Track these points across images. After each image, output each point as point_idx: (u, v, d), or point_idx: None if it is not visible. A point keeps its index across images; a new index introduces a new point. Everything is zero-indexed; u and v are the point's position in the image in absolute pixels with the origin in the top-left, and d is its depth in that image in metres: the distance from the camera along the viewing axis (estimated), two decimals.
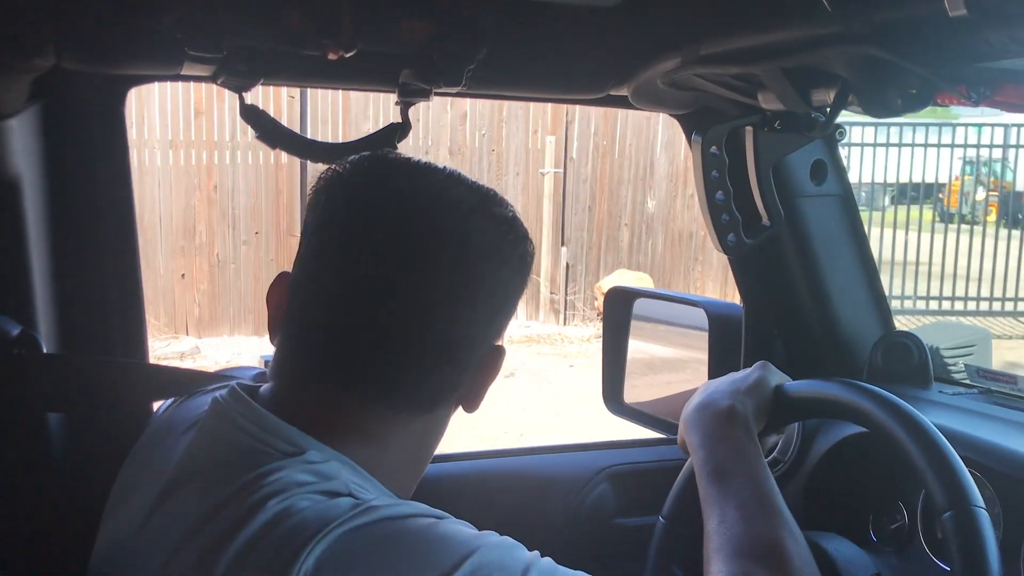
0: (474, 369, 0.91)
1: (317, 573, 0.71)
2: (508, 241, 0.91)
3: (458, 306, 0.86)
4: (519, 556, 0.78)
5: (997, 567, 0.87)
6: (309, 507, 0.75)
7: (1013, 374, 1.42)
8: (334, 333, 0.87)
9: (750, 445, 1.06)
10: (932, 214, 11.46)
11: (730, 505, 0.97)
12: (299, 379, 0.89)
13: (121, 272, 1.31)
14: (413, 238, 0.85)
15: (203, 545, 0.76)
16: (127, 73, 1.23)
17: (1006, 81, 0.88)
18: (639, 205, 9.40)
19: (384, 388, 0.86)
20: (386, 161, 0.92)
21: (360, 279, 0.86)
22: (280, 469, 0.78)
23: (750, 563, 0.90)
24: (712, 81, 1.16)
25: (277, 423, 0.83)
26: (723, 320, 1.58)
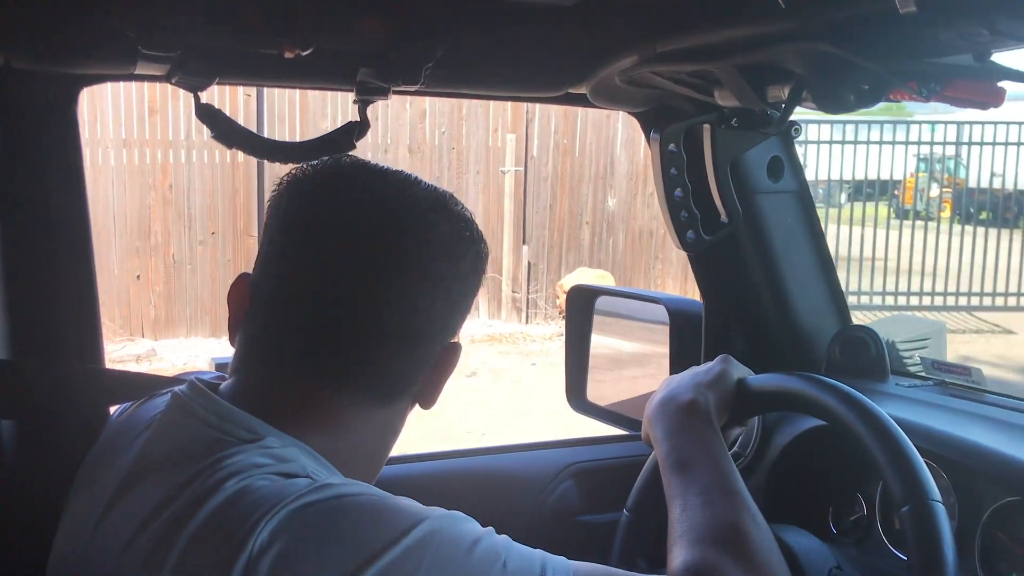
0: (431, 364, 0.94)
1: (271, 545, 0.72)
2: (465, 239, 0.94)
3: (416, 300, 0.89)
4: (470, 528, 0.80)
5: (953, 560, 0.89)
6: (266, 486, 0.77)
7: (967, 366, 1.44)
8: (295, 328, 0.89)
9: (712, 436, 1.07)
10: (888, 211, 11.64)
11: (692, 493, 0.98)
12: (260, 373, 0.90)
13: (75, 275, 1.29)
14: (373, 235, 0.88)
15: (160, 529, 0.77)
16: (79, 73, 1.21)
17: (955, 76, 0.90)
18: (600, 203, 9.44)
19: (344, 379, 0.89)
20: (345, 164, 0.94)
21: (321, 276, 0.88)
22: (238, 453, 0.80)
23: (711, 548, 0.91)
24: (669, 79, 1.17)
25: (236, 412, 0.85)
26: (683, 316, 1.59)
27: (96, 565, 0.83)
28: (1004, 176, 10.46)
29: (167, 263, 8.06)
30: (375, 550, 0.73)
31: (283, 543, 0.73)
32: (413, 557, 0.74)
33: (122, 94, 7.67)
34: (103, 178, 7.71)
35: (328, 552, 0.73)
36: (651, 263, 9.63)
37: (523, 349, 8.47)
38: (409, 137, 8.68)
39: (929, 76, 0.91)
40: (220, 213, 8.15)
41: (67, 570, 0.89)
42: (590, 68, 1.26)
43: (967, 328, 9.59)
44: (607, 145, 9.36)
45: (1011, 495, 1.12)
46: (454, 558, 0.76)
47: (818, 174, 10.35)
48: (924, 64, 0.91)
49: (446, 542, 0.76)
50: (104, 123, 7.68)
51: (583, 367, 1.75)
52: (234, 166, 8.11)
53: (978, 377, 1.42)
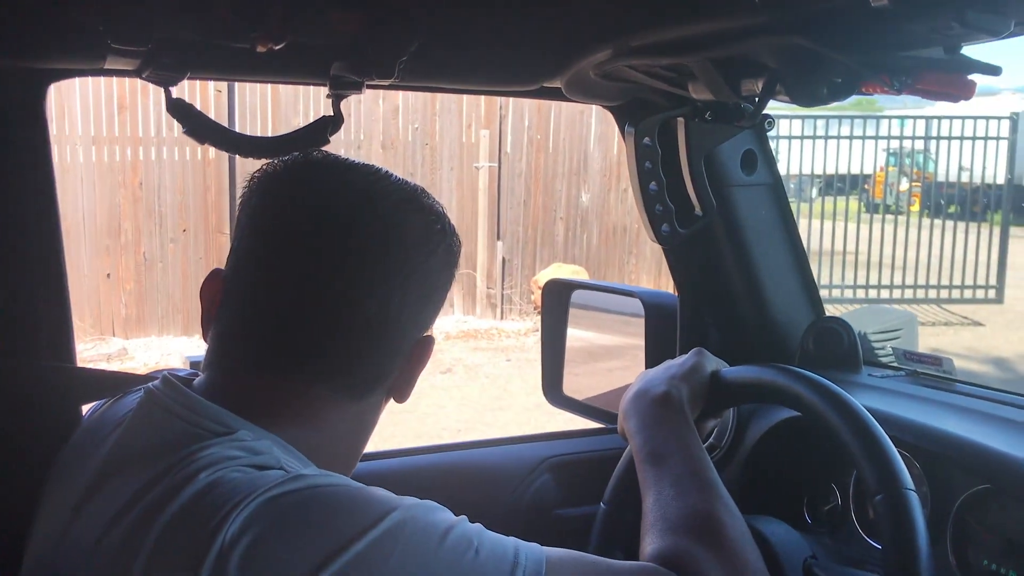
0: (405, 357, 0.94)
1: (242, 535, 0.73)
2: (436, 232, 0.94)
3: (389, 293, 0.90)
4: (442, 517, 0.80)
5: (926, 547, 0.90)
6: (238, 478, 0.77)
7: (938, 356, 1.46)
8: (267, 322, 0.89)
9: (685, 428, 1.08)
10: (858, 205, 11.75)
11: (665, 484, 1.00)
12: (233, 367, 0.91)
13: (46, 273, 1.27)
14: (344, 229, 0.89)
15: (132, 523, 0.77)
16: (48, 67, 1.19)
17: (926, 69, 0.91)
18: (574, 199, 9.46)
19: (317, 373, 0.89)
20: (317, 159, 0.95)
21: (292, 270, 0.89)
22: (211, 446, 0.81)
23: (683, 537, 0.92)
24: (643, 72, 1.18)
25: (209, 406, 0.85)
26: (658, 309, 1.60)
27: (68, 563, 0.82)
28: (972, 170, 10.58)
29: (138, 261, 7.98)
30: (346, 540, 0.73)
31: (254, 533, 0.73)
32: (384, 546, 0.74)
33: (91, 90, 7.58)
34: (72, 176, 7.61)
35: (299, 542, 0.73)
36: (625, 258, 9.66)
37: (498, 345, 8.48)
38: (382, 133, 8.65)
39: (900, 69, 0.91)
40: (191, 211, 8.08)
41: (40, 570, 0.88)
42: (564, 62, 1.26)
43: (937, 320, 9.71)
44: (581, 141, 9.37)
45: (982, 483, 1.13)
46: (425, 546, 0.76)
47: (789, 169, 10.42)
48: (896, 57, 0.92)
49: (417, 531, 0.77)
50: (72, 120, 7.58)
51: (559, 361, 1.75)
52: (205, 163, 8.04)
53: (949, 367, 1.44)
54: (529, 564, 0.80)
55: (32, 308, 1.25)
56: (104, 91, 7.63)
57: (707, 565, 0.89)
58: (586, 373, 1.75)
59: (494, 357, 8.01)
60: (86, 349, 7.39)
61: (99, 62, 1.10)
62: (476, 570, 0.77)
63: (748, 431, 1.43)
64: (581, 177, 9.43)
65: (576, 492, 1.58)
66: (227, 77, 1.30)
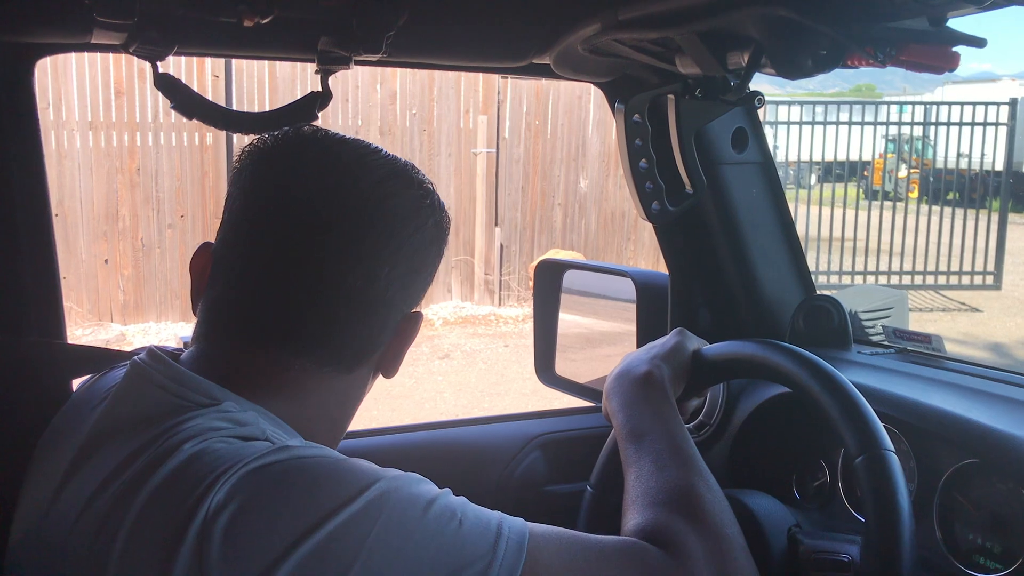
0: (392, 331, 0.94)
1: (226, 504, 0.73)
2: (425, 206, 0.94)
3: (375, 266, 0.89)
4: (426, 488, 0.80)
5: (907, 506, 0.90)
6: (223, 448, 0.77)
7: (927, 333, 1.46)
8: (254, 294, 0.89)
9: (666, 405, 1.09)
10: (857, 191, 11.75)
11: (646, 461, 1.01)
12: (219, 340, 0.91)
13: (36, 249, 1.27)
14: (332, 201, 0.89)
15: (117, 492, 0.78)
16: (33, 41, 1.19)
17: (910, 41, 0.91)
18: (572, 185, 9.45)
19: (304, 345, 0.89)
20: (306, 133, 0.95)
21: (279, 243, 0.89)
22: (196, 417, 0.81)
23: (663, 511, 0.93)
24: (632, 47, 1.17)
25: (194, 378, 0.85)
26: (650, 289, 1.60)
27: (54, 534, 0.83)
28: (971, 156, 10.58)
29: (135, 247, 7.98)
30: (329, 510, 0.74)
31: (238, 503, 0.73)
32: (368, 516, 0.74)
33: (87, 75, 7.56)
34: (69, 161, 7.60)
35: (283, 512, 0.73)
36: (623, 244, 9.66)
37: (496, 331, 8.49)
38: (380, 119, 8.63)
39: (885, 41, 0.91)
40: (189, 196, 8.08)
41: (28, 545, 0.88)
42: (553, 36, 1.26)
43: (934, 307, 9.72)
44: (579, 126, 9.36)
45: (969, 457, 1.14)
46: (409, 517, 0.76)
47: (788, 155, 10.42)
48: (880, 28, 0.92)
49: (401, 501, 0.77)
50: (69, 105, 7.56)
51: (551, 341, 1.76)
52: (203, 148, 8.03)
53: (938, 344, 1.44)
54: (512, 536, 0.80)
55: (21, 285, 1.25)
56: (101, 76, 7.62)
57: (687, 537, 0.89)
58: (584, 359, 1.76)
59: (492, 343, 8.02)
60: (84, 335, 7.40)
61: (85, 36, 1.09)
62: (459, 541, 0.77)
63: (738, 408, 1.43)
64: (579, 163, 9.42)
65: (565, 469, 1.58)
66: (214, 52, 1.30)
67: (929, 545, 1.15)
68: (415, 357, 7.31)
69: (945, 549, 1.15)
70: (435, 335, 8.18)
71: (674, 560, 0.87)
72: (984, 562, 1.12)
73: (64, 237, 7.45)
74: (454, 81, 8.83)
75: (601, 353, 1.78)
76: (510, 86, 9.02)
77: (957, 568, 1.13)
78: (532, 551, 0.80)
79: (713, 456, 1.42)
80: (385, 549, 0.74)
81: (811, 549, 1.05)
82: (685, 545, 0.89)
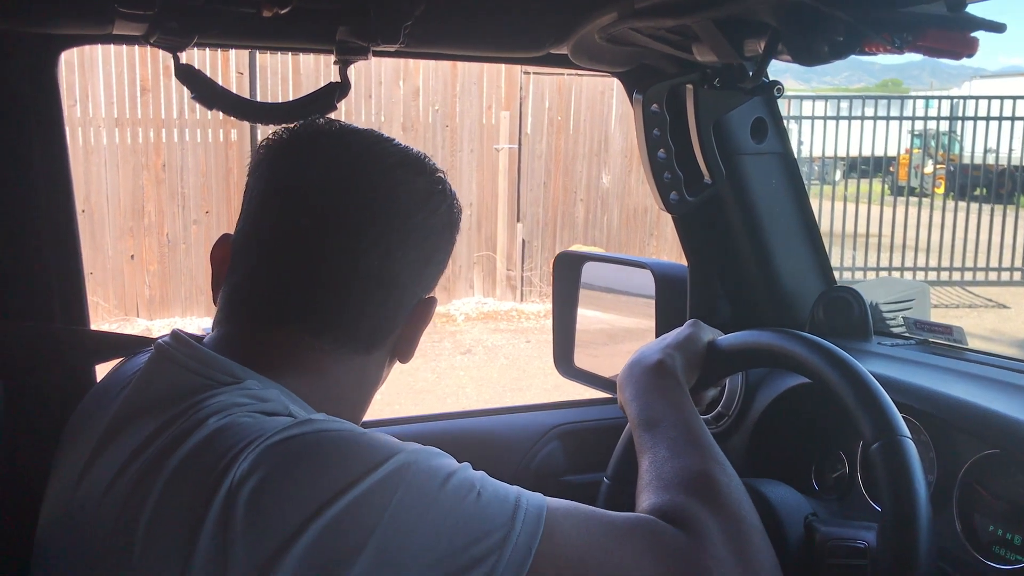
0: (407, 315, 0.97)
1: (251, 475, 0.75)
2: (437, 193, 0.97)
3: (389, 250, 0.92)
4: (445, 462, 0.81)
5: (924, 492, 0.89)
6: (248, 422, 0.80)
7: (949, 325, 1.45)
8: (274, 277, 0.92)
9: (679, 393, 1.10)
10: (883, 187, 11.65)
11: (660, 447, 1.01)
12: (240, 322, 0.93)
13: (59, 238, 1.28)
14: (347, 188, 0.92)
15: (143, 467, 0.79)
16: (56, 33, 1.20)
17: (928, 26, 0.90)
18: (594, 180, 9.43)
19: (322, 326, 0.92)
20: (321, 124, 0.98)
21: (297, 228, 0.92)
22: (219, 394, 0.83)
23: (677, 492, 0.93)
24: (649, 35, 1.17)
25: (217, 358, 0.88)
26: (669, 280, 1.60)
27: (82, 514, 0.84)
28: (999, 151, 10.46)
29: (161, 243, 8.05)
30: (350, 480, 0.75)
31: (263, 472, 0.75)
32: (387, 487, 0.76)
33: (113, 72, 7.64)
34: (95, 158, 7.68)
35: (305, 481, 0.75)
36: (646, 240, 9.63)
37: (518, 327, 8.49)
38: (403, 115, 8.66)
39: (902, 26, 0.91)
40: (214, 192, 8.14)
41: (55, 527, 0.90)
42: (570, 26, 1.26)
43: (960, 303, 9.62)
44: (601, 122, 9.34)
45: (990, 448, 1.13)
46: (427, 489, 0.77)
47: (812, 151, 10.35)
48: (897, 14, 0.91)
49: (420, 473, 0.78)
50: (96, 102, 7.64)
51: (570, 332, 1.76)
52: (227, 145, 8.09)
53: (960, 336, 1.43)
54: (531, 509, 0.81)
55: (46, 273, 1.27)
56: (127, 73, 7.69)
57: (703, 517, 0.90)
58: (606, 355, 1.76)
59: (514, 339, 8.03)
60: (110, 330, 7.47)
61: (107, 27, 1.11)
62: (478, 512, 0.78)
63: (756, 399, 1.42)
64: (602, 158, 9.39)
65: (583, 460, 1.58)
66: (234, 43, 1.31)
67: (949, 536, 1.14)
68: (437, 352, 7.33)
69: (965, 540, 1.14)
70: (457, 330, 8.19)
71: (690, 539, 0.88)
72: (1004, 553, 1.11)
73: (91, 233, 7.54)
74: (476, 77, 8.83)
75: (623, 349, 1.78)
76: (532, 82, 9.02)
77: (977, 560, 1.12)
78: (550, 524, 0.81)
79: (731, 446, 1.42)
80: (404, 520, 0.75)
81: (827, 536, 1.04)
82: (701, 524, 0.89)
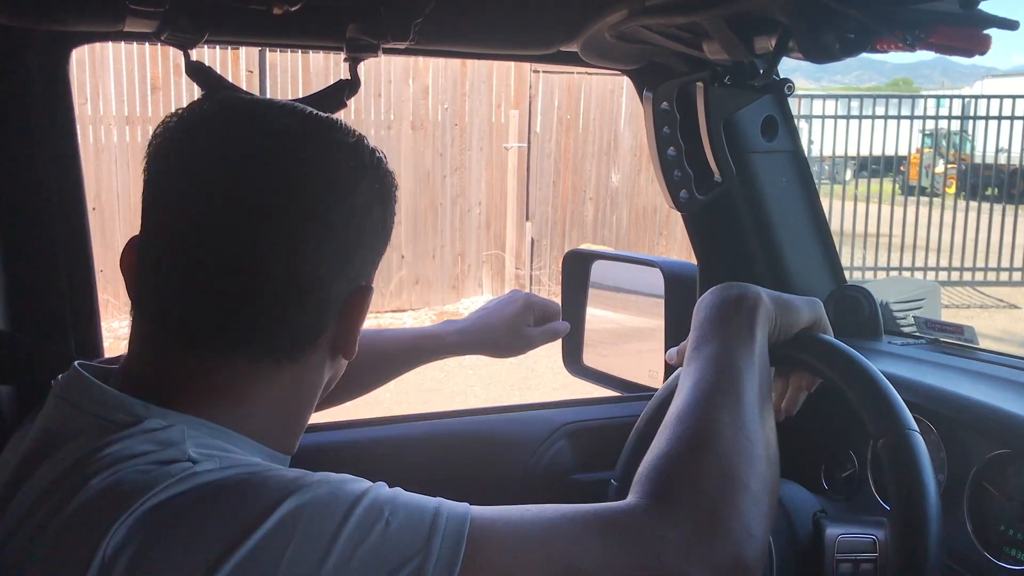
0: (336, 312, 0.84)
1: (123, 549, 0.66)
2: (349, 168, 0.82)
3: (299, 244, 0.79)
4: (349, 490, 0.72)
5: (933, 486, 0.88)
6: (132, 480, 0.70)
7: (960, 324, 1.44)
8: (175, 291, 0.80)
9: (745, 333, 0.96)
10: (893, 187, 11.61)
11: (685, 382, 0.93)
12: (147, 346, 0.82)
13: (71, 239, 1.29)
14: (241, 174, 0.79)
15: (29, 533, 0.72)
16: (68, 30, 1.21)
17: (939, 24, 0.89)
18: (603, 179, 9.42)
19: (235, 340, 0.80)
20: (217, 102, 0.84)
21: (189, 229, 0.79)
22: (117, 441, 0.73)
23: (675, 444, 0.85)
24: (659, 33, 1.17)
25: (116, 396, 0.77)
26: (678, 279, 1.60)
27: None
28: (1010, 151, 10.41)
29: None
30: (236, 536, 0.67)
31: (135, 546, 0.66)
32: (280, 535, 0.67)
33: (124, 70, 7.67)
34: (106, 156, 7.71)
35: (185, 549, 0.67)
36: (655, 239, 9.63)
37: None
38: (412, 113, 8.66)
39: (914, 23, 0.90)
40: None
41: None
42: (580, 23, 1.26)
43: (972, 303, 9.58)
44: (611, 121, 9.33)
45: (1001, 447, 1.12)
46: (326, 527, 0.69)
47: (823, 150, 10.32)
48: (909, 11, 0.91)
49: (318, 512, 0.69)
50: (106, 100, 7.66)
51: (579, 330, 1.75)
52: None
53: (971, 335, 1.42)
54: (449, 526, 0.72)
55: (57, 270, 1.27)
56: (138, 71, 7.72)
57: (677, 480, 0.81)
58: (615, 355, 1.76)
59: None
60: (120, 327, 7.50)
61: (118, 24, 1.11)
62: (388, 541, 0.70)
63: None
64: (611, 157, 9.39)
65: (592, 458, 1.58)
66: (245, 40, 1.32)
67: (960, 537, 1.14)
68: None
69: (976, 541, 1.13)
70: None
71: (645, 513, 0.79)
72: (1015, 554, 1.11)
73: (101, 231, 7.56)
74: (486, 75, 8.84)
75: (633, 349, 1.78)
76: (542, 80, 9.02)
77: (988, 560, 1.11)
78: (474, 539, 0.72)
79: None
80: (305, 566, 0.67)
81: (836, 533, 1.04)
82: (667, 490, 0.80)
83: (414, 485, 0.77)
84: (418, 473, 1.37)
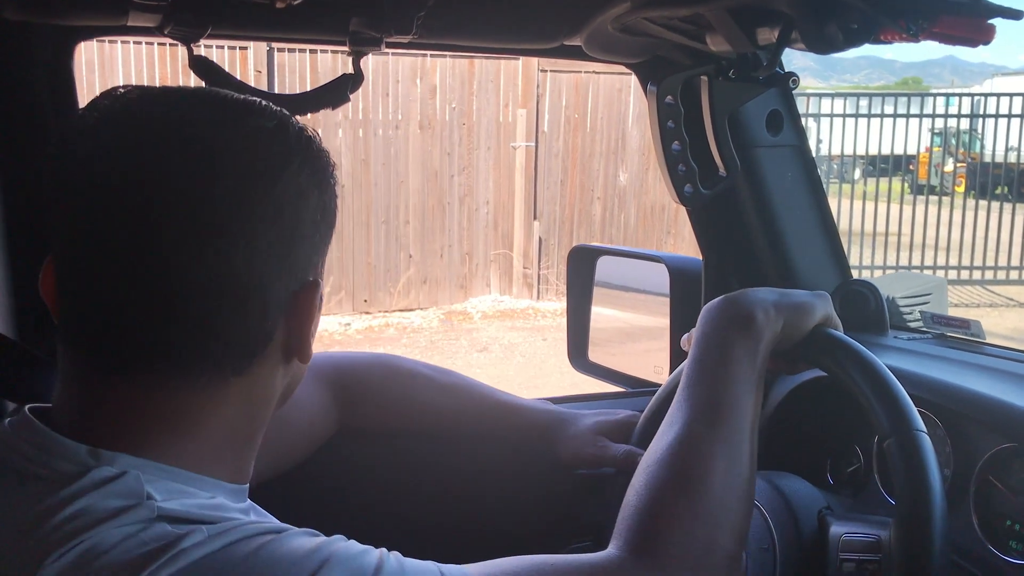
0: (283, 312, 0.76)
1: None
2: (274, 155, 0.74)
3: (225, 242, 0.70)
4: (365, 563, 0.70)
5: (939, 486, 0.88)
6: (112, 554, 0.64)
7: (966, 319, 1.43)
8: (96, 313, 0.72)
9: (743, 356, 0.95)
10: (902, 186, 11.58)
11: (675, 413, 0.93)
12: (76, 380, 0.74)
13: None
14: (152, 173, 0.70)
15: None
16: (71, 24, 1.21)
17: (943, 13, 0.89)
18: (611, 178, 9.42)
19: (169, 363, 0.72)
20: (118, 98, 0.75)
21: (100, 239, 0.70)
22: (70, 503, 0.66)
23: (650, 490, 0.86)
24: (662, 25, 1.17)
25: (60, 442, 0.70)
26: (683, 274, 1.59)
27: None
28: (1020, 150, 10.36)
29: None
30: None
31: None
32: None
33: (132, 72, 7.69)
34: None
35: None
36: (663, 237, 9.62)
37: (534, 325, 8.49)
38: (420, 113, 8.67)
39: (918, 13, 0.90)
40: None
41: None
42: (584, 16, 1.26)
43: (981, 302, 9.55)
44: (618, 120, 9.33)
45: (1007, 442, 1.11)
46: None
47: (831, 149, 10.29)
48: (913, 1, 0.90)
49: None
50: None
51: (584, 327, 1.75)
52: None
53: (977, 330, 1.41)
54: None
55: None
56: (146, 71, 7.74)
57: (654, 528, 0.82)
58: (623, 353, 1.75)
59: (530, 337, 8.03)
60: None
61: (121, 18, 1.11)
62: None
63: (772, 391, 1.41)
64: (619, 156, 9.39)
65: None
66: (248, 34, 1.31)
67: (965, 531, 1.13)
68: (454, 350, 7.34)
69: (982, 535, 1.13)
70: (473, 328, 8.20)
71: (620, 562, 0.80)
72: (1021, 548, 1.10)
73: None
74: (493, 75, 8.84)
75: (639, 348, 1.77)
76: (549, 79, 9.02)
77: (994, 554, 1.11)
78: None
79: None
80: None
81: (841, 530, 1.03)
82: (658, 545, 0.81)
83: (421, 481, 0.77)
84: (432, 466, 1.38)
